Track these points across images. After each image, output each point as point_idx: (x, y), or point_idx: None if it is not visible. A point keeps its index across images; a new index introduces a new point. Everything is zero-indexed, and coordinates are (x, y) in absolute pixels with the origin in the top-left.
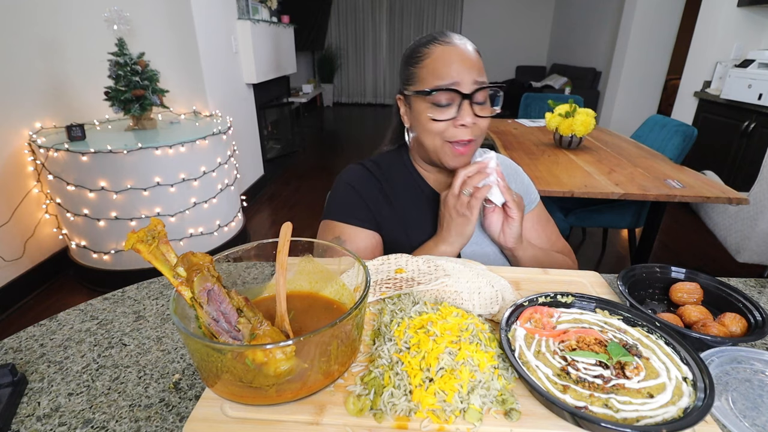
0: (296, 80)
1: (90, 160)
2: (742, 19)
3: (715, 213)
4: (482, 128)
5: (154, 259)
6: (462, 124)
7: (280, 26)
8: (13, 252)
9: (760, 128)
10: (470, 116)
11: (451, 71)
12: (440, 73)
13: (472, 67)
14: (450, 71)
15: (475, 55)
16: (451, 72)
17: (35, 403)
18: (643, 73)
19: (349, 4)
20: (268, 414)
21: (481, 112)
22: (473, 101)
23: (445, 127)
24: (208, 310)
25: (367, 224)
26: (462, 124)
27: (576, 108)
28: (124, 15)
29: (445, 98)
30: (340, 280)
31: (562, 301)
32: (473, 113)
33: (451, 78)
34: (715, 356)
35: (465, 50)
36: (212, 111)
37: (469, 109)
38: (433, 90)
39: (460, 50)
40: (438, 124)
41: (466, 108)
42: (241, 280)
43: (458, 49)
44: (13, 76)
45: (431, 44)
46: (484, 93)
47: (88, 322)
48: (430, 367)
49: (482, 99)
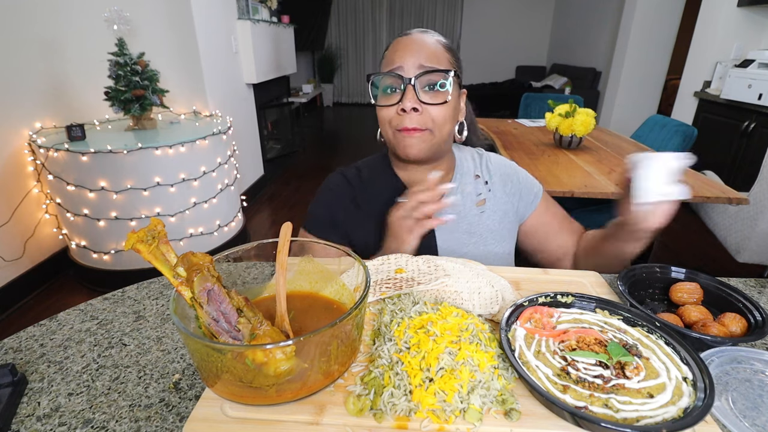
0: (296, 80)
1: (90, 160)
2: (742, 19)
3: (715, 213)
4: (434, 117)
5: (154, 259)
6: (402, 108)
7: (280, 26)
8: (13, 252)
9: (760, 128)
10: (411, 101)
11: (395, 57)
12: (388, 60)
13: (419, 51)
14: (394, 57)
15: (430, 43)
16: (395, 57)
17: (35, 403)
18: (643, 73)
19: (349, 4)
20: (268, 414)
21: (429, 98)
22: (420, 87)
23: (392, 114)
24: (208, 310)
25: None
26: (403, 109)
27: (576, 108)
28: (124, 15)
29: (389, 83)
30: (340, 280)
31: (562, 301)
32: (416, 98)
33: (394, 63)
34: (715, 356)
35: (417, 38)
36: (212, 111)
37: (412, 93)
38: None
39: (412, 39)
40: (385, 111)
41: (408, 93)
42: (241, 280)
43: (411, 38)
44: (13, 76)
45: (394, 39)
46: (435, 79)
47: (88, 322)
48: (430, 367)
49: (435, 82)
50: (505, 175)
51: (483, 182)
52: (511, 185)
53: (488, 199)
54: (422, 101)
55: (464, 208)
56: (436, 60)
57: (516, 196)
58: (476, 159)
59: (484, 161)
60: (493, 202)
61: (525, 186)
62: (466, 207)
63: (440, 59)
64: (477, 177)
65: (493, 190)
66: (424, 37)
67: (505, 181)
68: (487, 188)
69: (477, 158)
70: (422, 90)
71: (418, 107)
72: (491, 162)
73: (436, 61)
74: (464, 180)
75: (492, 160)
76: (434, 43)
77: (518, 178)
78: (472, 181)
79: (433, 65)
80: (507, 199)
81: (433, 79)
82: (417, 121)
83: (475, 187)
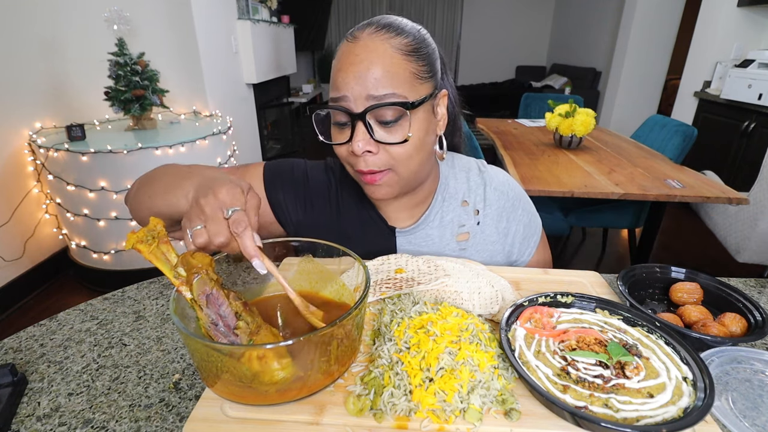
0: (296, 80)
1: (90, 160)
2: (742, 19)
3: (715, 213)
4: (395, 155)
5: (154, 259)
6: (351, 151)
7: (280, 26)
8: (13, 252)
9: (760, 128)
10: (363, 141)
11: (339, 80)
12: (334, 82)
13: (366, 74)
14: (338, 80)
15: (383, 57)
16: (338, 81)
17: (35, 403)
18: (643, 73)
19: (349, 4)
20: (268, 414)
21: (386, 134)
22: (374, 121)
23: (346, 153)
24: (207, 313)
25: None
26: (352, 151)
27: (576, 108)
28: (124, 15)
29: (341, 116)
30: (340, 280)
31: (562, 301)
32: (369, 137)
33: (338, 90)
34: (715, 356)
35: (364, 54)
36: (212, 111)
37: (363, 132)
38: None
39: (357, 55)
40: (339, 150)
41: (357, 131)
42: (241, 280)
43: (355, 53)
44: (13, 76)
45: (342, 41)
46: (391, 114)
47: (88, 322)
48: (430, 367)
49: (391, 117)
50: (504, 210)
51: (472, 211)
52: (507, 224)
53: (473, 234)
54: (377, 140)
55: (441, 240)
56: (390, 83)
57: (509, 237)
58: (471, 180)
59: (482, 184)
60: (480, 238)
61: (525, 230)
62: (444, 238)
63: (397, 79)
64: (465, 204)
65: (483, 223)
66: (375, 48)
67: (500, 216)
68: (475, 220)
69: (474, 178)
70: (378, 124)
71: (372, 149)
72: (492, 188)
73: (390, 84)
74: (446, 205)
75: (494, 186)
76: (389, 55)
77: (519, 217)
78: (456, 208)
79: (387, 91)
80: (497, 238)
81: (386, 114)
82: (374, 163)
83: (459, 216)
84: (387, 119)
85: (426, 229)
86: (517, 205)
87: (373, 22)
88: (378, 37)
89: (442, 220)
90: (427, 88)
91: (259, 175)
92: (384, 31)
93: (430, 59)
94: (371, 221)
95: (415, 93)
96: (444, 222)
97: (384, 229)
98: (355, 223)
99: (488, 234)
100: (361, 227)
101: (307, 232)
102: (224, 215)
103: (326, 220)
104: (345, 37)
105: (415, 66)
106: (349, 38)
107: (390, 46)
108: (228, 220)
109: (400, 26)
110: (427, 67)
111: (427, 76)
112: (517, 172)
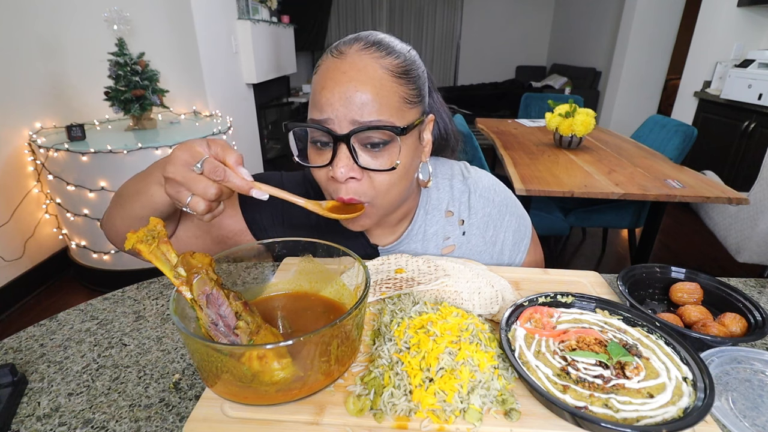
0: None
1: (90, 160)
2: (742, 19)
3: (715, 213)
4: (377, 185)
5: (154, 259)
6: (331, 176)
7: (280, 26)
8: (13, 252)
9: (760, 128)
10: (346, 167)
11: (322, 100)
12: (316, 101)
13: (352, 97)
14: (321, 100)
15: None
16: (322, 101)
17: (35, 403)
18: (643, 73)
19: (349, 4)
20: (268, 414)
21: (371, 160)
22: (359, 145)
23: (325, 178)
24: (207, 313)
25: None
26: (332, 177)
27: (576, 108)
28: (124, 15)
29: (320, 136)
30: (340, 280)
31: (562, 301)
32: (353, 163)
33: (321, 111)
34: (715, 356)
35: (350, 73)
36: (212, 111)
37: (346, 156)
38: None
39: (343, 73)
40: (318, 173)
41: (340, 154)
42: (241, 280)
43: (341, 71)
44: (13, 76)
45: (325, 54)
46: (378, 137)
47: (88, 322)
48: (430, 367)
49: (379, 140)
50: (490, 219)
51: (457, 221)
52: (494, 232)
53: (459, 246)
54: (362, 167)
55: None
56: (378, 110)
57: (497, 246)
58: (455, 188)
59: (466, 192)
60: (466, 249)
61: (515, 236)
62: (428, 253)
63: (386, 105)
64: (449, 214)
65: (469, 233)
66: (363, 67)
67: (487, 225)
68: (460, 230)
69: (458, 186)
70: (362, 148)
71: (356, 175)
72: (477, 195)
73: (377, 111)
74: (429, 218)
75: (479, 192)
76: (379, 76)
77: (506, 224)
78: (440, 220)
79: (373, 118)
80: (484, 248)
81: (374, 137)
82: (355, 191)
83: (443, 228)
84: (374, 141)
85: (409, 244)
86: (504, 211)
87: (361, 37)
88: (367, 54)
89: (425, 233)
90: (415, 113)
91: (234, 197)
92: (374, 48)
93: (418, 82)
94: (353, 238)
95: (404, 119)
96: (427, 236)
97: (366, 246)
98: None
99: (475, 244)
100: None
101: None
102: (196, 171)
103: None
104: (329, 51)
105: (404, 90)
106: (335, 53)
107: (379, 66)
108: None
109: (390, 45)
110: (416, 91)
111: (416, 101)
112: (517, 172)
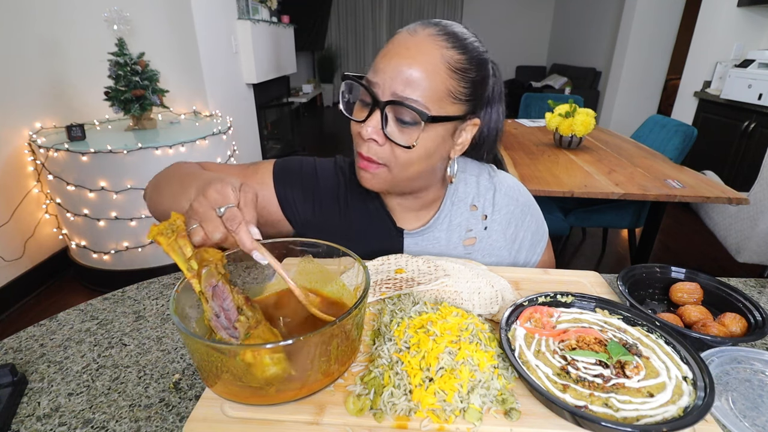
0: (296, 80)
1: (90, 160)
2: (742, 19)
3: (715, 213)
4: (397, 155)
5: (171, 251)
6: (359, 132)
7: (280, 26)
8: (13, 252)
9: (760, 128)
10: (373, 130)
11: (379, 66)
12: (375, 64)
13: (400, 70)
14: (378, 65)
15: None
16: (378, 67)
17: (35, 403)
18: (643, 73)
19: (349, 4)
20: (268, 414)
21: (396, 133)
22: (392, 116)
23: (356, 131)
24: (212, 305)
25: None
26: (359, 132)
27: (576, 108)
28: (124, 15)
29: (365, 95)
30: (340, 280)
31: (561, 301)
32: (381, 129)
33: (376, 74)
34: (715, 356)
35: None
36: (212, 111)
37: (377, 121)
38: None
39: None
40: (354, 125)
41: (373, 118)
42: (241, 280)
43: (410, 41)
44: (13, 76)
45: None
46: (407, 115)
47: (88, 322)
48: (430, 367)
49: (410, 119)
50: (512, 216)
51: (480, 216)
52: (515, 230)
53: (480, 239)
54: (387, 135)
55: (448, 244)
56: (419, 90)
57: (516, 244)
58: (481, 184)
59: (491, 189)
60: (486, 243)
61: (533, 237)
62: (451, 242)
63: (429, 90)
64: (474, 208)
65: (491, 229)
66: (427, 51)
67: (509, 222)
68: (482, 225)
69: (484, 183)
70: (394, 120)
71: (378, 140)
72: (501, 193)
73: (418, 91)
74: (455, 210)
75: (504, 191)
76: (435, 63)
77: (527, 224)
78: (465, 212)
79: (411, 96)
80: (504, 244)
81: (404, 114)
82: (374, 152)
83: (467, 220)
84: (404, 119)
85: (434, 232)
86: (526, 211)
87: (440, 24)
88: (435, 41)
89: (450, 223)
90: (456, 109)
91: (269, 172)
92: (444, 38)
93: (475, 85)
94: (380, 221)
95: (441, 109)
96: (452, 225)
97: (392, 229)
98: (363, 222)
99: (495, 239)
100: (369, 226)
101: (315, 229)
102: (217, 213)
103: (334, 218)
104: (407, 27)
105: (454, 84)
106: (410, 29)
107: (441, 55)
108: (222, 218)
109: (461, 41)
110: (468, 90)
111: (462, 99)
112: (517, 172)
